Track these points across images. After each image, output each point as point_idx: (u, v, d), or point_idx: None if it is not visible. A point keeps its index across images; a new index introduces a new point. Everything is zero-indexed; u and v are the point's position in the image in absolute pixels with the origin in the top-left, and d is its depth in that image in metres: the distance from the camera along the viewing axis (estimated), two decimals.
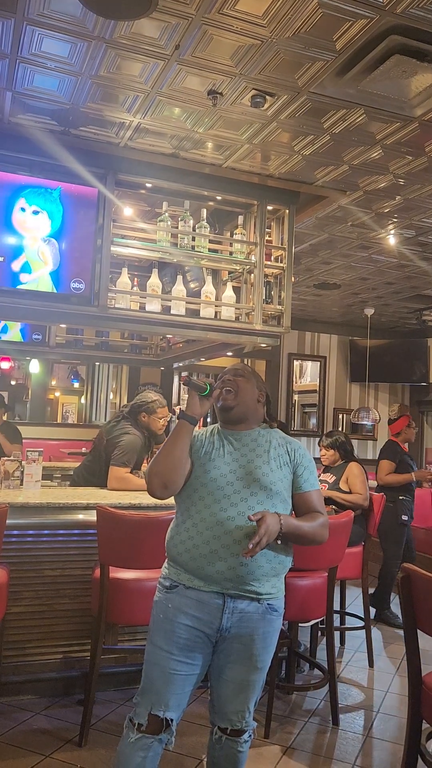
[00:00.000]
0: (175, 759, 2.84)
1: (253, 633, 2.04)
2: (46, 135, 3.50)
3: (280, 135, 3.45)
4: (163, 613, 2.06)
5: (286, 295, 4.19)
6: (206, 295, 4.03)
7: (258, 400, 2.25)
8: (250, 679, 2.07)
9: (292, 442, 2.24)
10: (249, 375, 2.27)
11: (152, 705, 2.00)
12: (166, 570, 2.15)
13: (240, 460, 2.12)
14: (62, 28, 2.62)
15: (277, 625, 2.12)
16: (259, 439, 2.20)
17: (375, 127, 3.30)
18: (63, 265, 3.67)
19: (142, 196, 4.24)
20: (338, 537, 3.29)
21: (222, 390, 2.20)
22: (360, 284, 6.80)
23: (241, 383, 2.22)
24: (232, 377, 2.24)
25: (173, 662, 2.01)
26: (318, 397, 8.96)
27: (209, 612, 2.02)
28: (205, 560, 2.01)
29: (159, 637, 2.05)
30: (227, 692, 2.08)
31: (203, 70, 2.88)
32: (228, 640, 2.05)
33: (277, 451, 2.17)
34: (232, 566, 2.00)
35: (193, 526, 2.06)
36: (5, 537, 2.85)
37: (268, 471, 2.10)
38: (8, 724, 3.06)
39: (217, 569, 2.00)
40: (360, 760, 2.97)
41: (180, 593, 2.05)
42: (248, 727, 2.10)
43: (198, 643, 2.03)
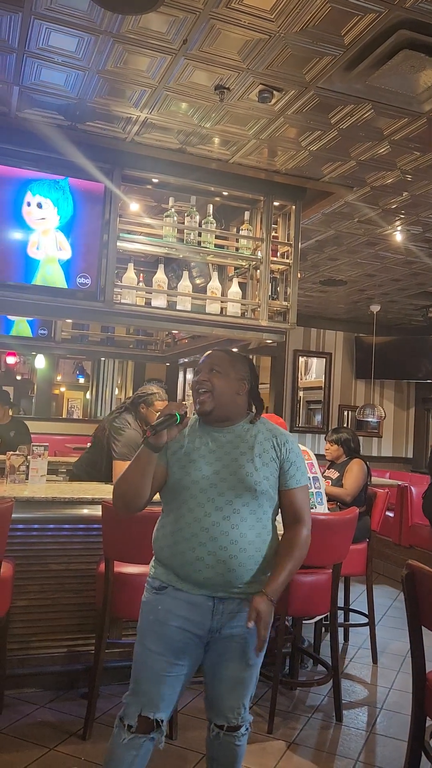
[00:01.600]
0: (177, 753, 2.85)
1: (244, 632, 2.01)
2: (53, 130, 3.50)
3: (287, 130, 3.44)
4: (153, 614, 2.02)
5: (292, 292, 4.18)
6: (212, 290, 4.03)
7: (238, 393, 2.08)
8: (243, 676, 2.05)
9: (279, 435, 2.10)
10: (226, 367, 2.08)
11: (143, 707, 1.97)
12: (153, 569, 2.09)
13: (223, 459, 2.02)
14: (70, 22, 2.62)
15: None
16: (243, 435, 2.07)
17: (383, 122, 3.29)
18: (71, 259, 3.68)
19: (148, 192, 4.23)
20: (343, 534, 3.29)
21: (197, 393, 2.04)
22: (366, 281, 6.78)
23: (216, 381, 2.05)
24: (207, 375, 2.07)
25: (164, 664, 1.98)
26: (323, 393, 8.94)
27: (200, 614, 1.98)
28: (191, 567, 1.96)
29: (150, 640, 2.01)
30: (221, 690, 2.06)
31: (210, 65, 2.87)
32: (219, 639, 2.02)
33: (263, 447, 2.05)
34: (219, 572, 1.95)
35: (178, 531, 1.99)
36: (11, 531, 2.86)
37: (253, 470, 2.00)
38: (13, 717, 3.08)
39: (205, 576, 1.96)
40: (363, 757, 2.97)
41: (170, 595, 2.00)
42: (244, 722, 2.09)
43: (189, 645, 2.00)
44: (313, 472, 3.46)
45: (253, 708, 3.35)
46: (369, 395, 9.13)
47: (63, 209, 3.65)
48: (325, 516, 3.32)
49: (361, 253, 5.76)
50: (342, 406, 9.02)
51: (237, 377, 2.09)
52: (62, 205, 3.65)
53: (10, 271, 3.58)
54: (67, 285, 3.66)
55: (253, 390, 2.15)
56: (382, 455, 9.21)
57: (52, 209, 3.64)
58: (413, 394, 9.49)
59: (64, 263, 3.65)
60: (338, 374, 9.03)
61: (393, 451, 9.34)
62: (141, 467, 1.96)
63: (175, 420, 1.93)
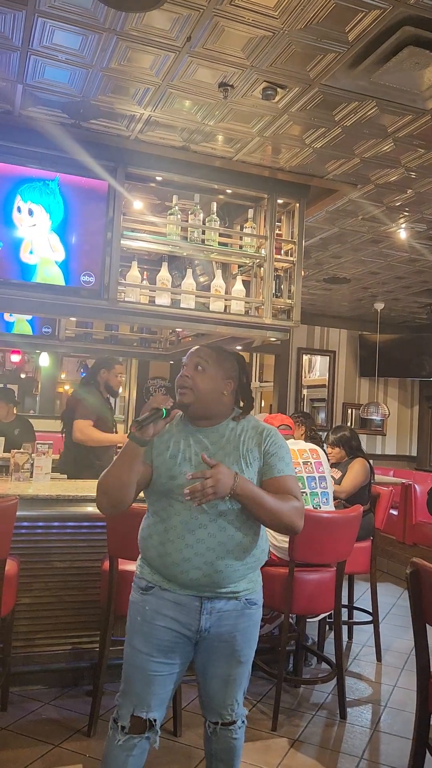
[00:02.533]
0: (182, 750, 2.86)
1: (234, 630, 2.00)
2: (57, 128, 3.50)
3: (291, 128, 3.44)
4: (140, 615, 2.00)
5: (296, 290, 4.17)
6: (216, 288, 4.03)
7: (223, 393, 2.03)
8: (234, 673, 2.04)
9: (263, 431, 2.04)
10: (212, 365, 2.03)
11: (134, 707, 1.96)
12: (140, 569, 2.07)
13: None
14: (73, 20, 2.62)
15: (256, 617, 2.08)
16: (228, 435, 2.03)
17: (387, 119, 3.28)
18: (72, 258, 3.67)
19: (152, 190, 4.23)
20: (347, 532, 3.29)
21: (178, 389, 2.01)
22: (370, 278, 6.77)
23: (198, 379, 2.01)
24: (190, 372, 2.02)
25: (153, 664, 1.96)
26: (327, 391, 8.93)
27: (187, 614, 1.97)
28: (178, 568, 1.94)
29: (137, 640, 1.99)
30: (213, 688, 2.05)
31: (214, 63, 2.86)
32: (209, 639, 2.00)
33: (247, 446, 2.01)
34: (206, 574, 1.93)
35: (164, 532, 1.97)
36: (15, 529, 2.87)
37: (237, 472, 1.93)
38: (18, 714, 3.09)
39: (191, 577, 1.94)
40: (367, 754, 2.97)
41: (156, 595, 1.99)
42: (239, 717, 2.08)
43: (178, 644, 1.99)
44: (320, 471, 3.45)
45: (257, 705, 3.36)
46: (373, 393, 9.11)
47: (55, 212, 3.63)
48: (328, 514, 3.32)
49: (365, 250, 5.74)
50: (346, 404, 9.01)
51: (223, 375, 2.04)
52: (54, 208, 3.64)
53: (7, 274, 3.57)
54: (66, 284, 3.66)
55: (241, 387, 2.10)
56: (386, 453, 9.20)
57: (44, 215, 3.62)
58: (417, 392, 9.48)
59: (61, 263, 3.65)
60: (342, 372, 9.02)
61: (397, 449, 9.33)
62: (128, 461, 1.91)
63: (161, 414, 1.88)
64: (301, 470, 3.38)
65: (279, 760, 2.87)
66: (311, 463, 3.43)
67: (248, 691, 3.44)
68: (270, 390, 8.80)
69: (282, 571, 3.22)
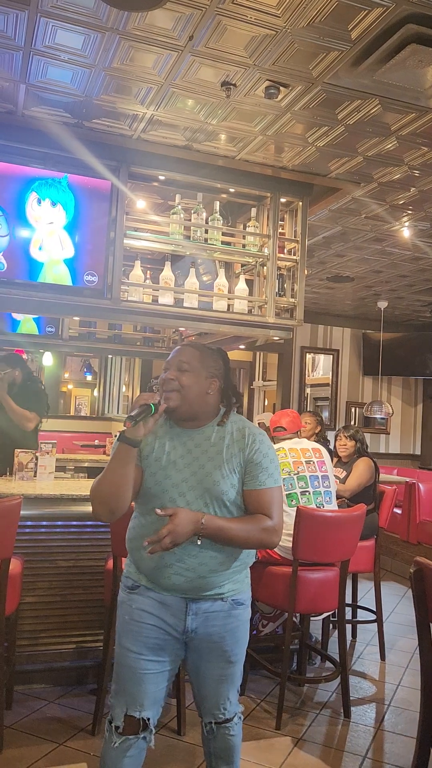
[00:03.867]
0: (186, 748, 2.86)
1: (222, 630, 1.99)
2: (60, 127, 3.50)
3: (294, 126, 3.43)
4: (128, 614, 1.99)
5: (299, 288, 4.17)
6: (219, 287, 4.03)
7: (208, 392, 1.98)
8: (225, 673, 2.03)
9: (248, 436, 1.98)
10: (196, 364, 1.97)
11: (127, 707, 1.95)
12: (127, 568, 2.06)
13: (192, 466, 1.94)
14: (76, 19, 2.62)
15: (244, 616, 2.06)
16: (212, 437, 1.97)
17: (390, 117, 3.27)
18: (76, 257, 3.68)
19: (155, 189, 4.23)
20: (350, 531, 3.29)
21: (163, 391, 1.94)
22: (373, 277, 6.76)
23: (185, 380, 1.94)
24: (175, 374, 1.96)
25: (143, 662, 1.95)
26: (330, 390, 8.93)
27: (173, 614, 1.96)
28: (161, 573, 1.93)
29: (126, 639, 1.98)
30: (207, 689, 2.04)
31: (217, 61, 2.86)
32: (198, 640, 1.99)
33: (231, 451, 1.95)
34: (189, 579, 1.93)
35: (148, 535, 1.92)
36: (19, 528, 2.87)
37: (220, 478, 1.92)
38: (23, 712, 3.10)
39: (174, 582, 1.93)
40: (371, 753, 2.97)
41: (142, 594, 1.98)
42: (234, 714, 2.07)
43: (167, 641, 1.97)
44: (324, 470, 3.45)
45: (261, 704, 3.36)
46: (376, 392, 9.10)
47: (68, 209, 3.66)
48: (332, 513, 3.31)
49: (368, 249, 5.74)
50: (349, 403, 9.00)
51: (207, 375, 1.98)
52: (68, 206, 3.66)
53: (15, 271, 3.59)
54: (72, 283, 3.67)
55: (227, 385, 2.04)
56: (389, 452, 9.20)
57: (61, 212, 3.64)
58: (421, 390, 9.46)
59: (69, 261, 3.66)
60: (345, 371, 9.02)
61: (401, 447, 9.32)
62: (122, 465, 1.86)
63: (150, 410, 1.84)
64: (304, 469, 3.38)
65: (283, 758, 2.87)
66: (314, 462, 3.43)
67: (252, 689, 3.47)
68: (273, 389, 8.80)
69: (286, 570, 3.22)
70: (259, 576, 3.35)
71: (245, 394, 9.76)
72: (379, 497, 4.52)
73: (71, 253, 3.66)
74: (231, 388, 2.06)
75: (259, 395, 9.55)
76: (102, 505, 1.91)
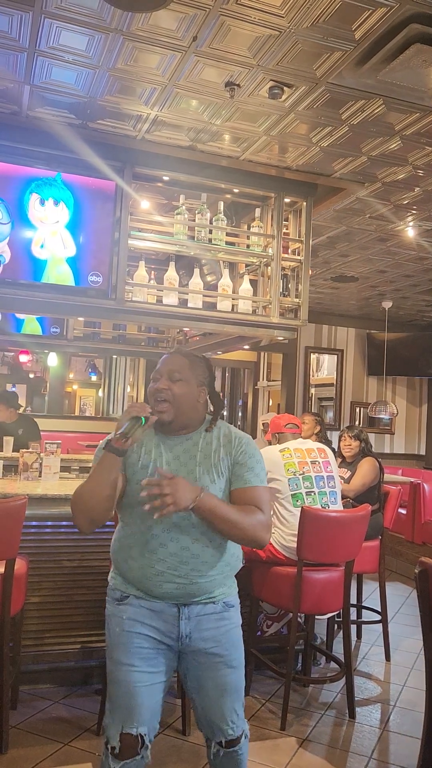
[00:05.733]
0: (191, 749, 2.86)
1: (216, 634, 1.96)
2: (64, 128, 3.51)
3: (298, 126, 3.43)
4: (118, 626, 1.95)
5: (303, 288, 4.17)
6: (223, 288, 4.03)
7: (198, 400, 1.97)
8: (228, 681, 1.97)
9: (232, 441, 1.99)
10: (187, 373, 1.96)
11: (123, 724, 1.89)
12: (113, 580, 2.03)
13: (180, 472, 1.92)
14: (80, 20, 2.62)
15: (236, 620, 2.03)
16: (200, 443, 1.97)
17: (394, 117, 3.27)
18: (79, 257, 3.69)
19: (159, 189, 4.23)
20: (355, 531, 3.28)
21: (156, 402, 1.93)
22: (378, 277, 6.74)
23: (177, 390, 1.93)
24: (166, 383, 1.94)
25: (136, 674, 1.90)
26: (335, 390, 8.91)
27: (165, 620, 1.93)
28: (151, 582, 1.91)
29: (118, 652, 1.93)
30: (210, 701, 1.97)
31: (221, 62, 2.86)
32: (193, 649, 1.96)
33: (218, 456, 1.96)
34: (181, 585, 1.90)
35: (136, 546, 1.93)
36: (24, 528, 2.88)
37: (209, 482, 1.91)
38: (28, 712, 3.10)
39: (165, 590, 1.90)
40: (377, 754, 2.97)
41: (133, 604, 1.94)
42: (241, 732, 2.00)
43: (160, 651, 1.94)
44: (329, 470, 3.44)
45: (266, 705, 3.36)
46: (381, 392, 9.09)
47: (69, 208, 3.67)
48: (337, 513, 3.31)
49: (373, 249, 5.73)
50: (354, 403, 8.99)
51: (197, 383, 1.98)
52: (68, 202, 3.67)
53: (18, 269, 3.60)
54: (76, 283, 3.68)
55: (211, 393, 2.04)
56: (394, 452, 9.18)
57: (64, 210, 3.65)
58: (426, 390, 9.44)
59: (71, 260, 3.66)
60: (350, 371, 9.00)
61: (405, 448, 9.30)
62: (106, 474, 1.85)
63: (141, 423, 1.83)
64: (309, 469, 3.37)
65: (288, 759, 2.87)
66: (319, 462, 3.43)
67: (257, 690, 3.47)
68: (278, 389, 8.79)
69: (290, 570, 3.22)
70: (263, 576, 3.35)
71: (249, 395, 9.76)
72: (383, 497, 4.51)
73: (73, 252, 3.67)
74: (215, 394, 2.06)
75: (264, 395, 9.55)
76: (83, 514, 1.90)
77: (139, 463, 1.95)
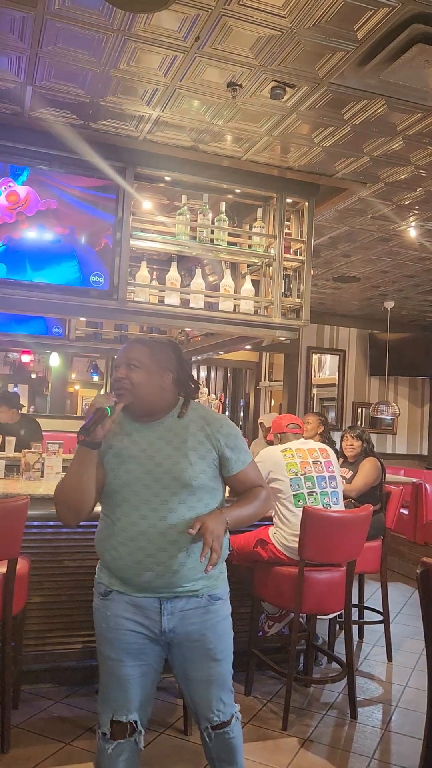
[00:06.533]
0: (192, 748, 2.86)
1: (202, 628, 1.95)
2: (66, 129, 3.51)
3: (300, 127, 3.43)
4: (104, 622, 1.97)
5: (305, 288, 4.16)
6: (225, 288, 4.03)
7: (161, 387, 1.97)
8: (213, 673, 1.98)
9: (212, 422, 2.00)
10: (145, 360, 1.96)
11: (113, 712, 1.94)
12: (98, 572, 2.04)
13: (156, 458, 1.92)
14: (82, 21, 2.62)
15: (224, 612, 2.02)
16: (174, 428, 1.97)
17: (396, 117, 3.27)
18: (82, 258, 3.69)
19: (161, 190, 4.24)
20: (357, 531, 3.28)
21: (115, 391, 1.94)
22: (380, 277, 6.74)
23: (135, 377, 1.94)
24: (124, 371, 1.95)
25: (125, 668, 1.93)
26: (337, 390, 8.91)
27: (148, 616, 1.93)
28: (132, 571, 1.91)
29: (106, 647, 1.96)
30: (196, 692, 2.00)
31: (223, 62, 2.86)
32: (178, 641, 1.96)
33: (197, 438, 1.96)
34: (160, 574, 1.89)
35: (116, 535, 1.93)
36: (26, 528, 2.89)
37: (187, 465, 1.91)
38: (30, 712, 3.11)
39: (146, 579, 1.90)
40: (378, 754, 2.97)
41: (115, 599, 1.95)
42: (230, 715, 2.02)
43: (146, 645, 1.95)
44: (330, 470, 3.44)
45: (268, 705, 3.36)
46: (383, 392, 9.08)
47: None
48: (339, 513, 3.31)
49: (375, 249, 5.72)
50: (356, 404, 8.98)
51: (158, 369, 1.97)
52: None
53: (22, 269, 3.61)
54: (79, 284, 3.68)
55: (181, 376, 2.03)
56: (396, 452, 9.17)
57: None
58: (428, 390, 9.43)
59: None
60: (352, 371, 9.00)
61: (407, 448, 9.29)
62: (83, 468, 1.88)
63: (106, 413, 1.85)
64: (311, 469, 3.37)
65: (289, 759, 2.87)
66: (321, 462, 3.43)
67: (258, 690, 3.47)
68: (279, 389, 8.79)
69: (292, 570, 3.22)
70: (265, 576, 3.35)
71: (251, 395, 9.76)
72: (385, 498, 4.51)
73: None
74: (187, 377, 2.06)
75: (265, 395, 9.55)
76: (66, 508, 1.93)
77: (111, 452, 1.96)
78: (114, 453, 1.95)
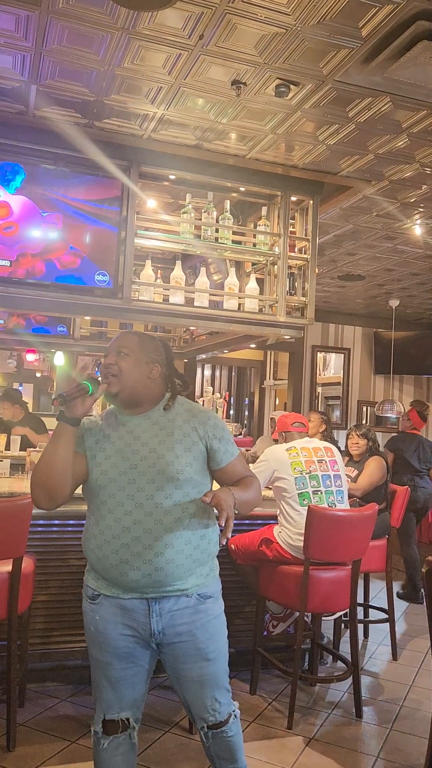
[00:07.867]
0: (196, 747, 2.86)
1: (191, 628, 1.92)
2: (71, 127, 3.52)
3: (305, 124, 3.42)
4: (93, 625, 1.95)
5: (310, 287, 4.16)
6: (229, 286, 4.03)
7: (149, 378, 1.98)
8: (205, 673, 1.95)
9: (198, 415, 2.00)
10: (135, 349, 1.98)
11: (105, 712, 1.96)
12: (86, 575, 2.02)
13: (140, 452, 1.91)
14: (86, 19, 2.62)
15: (214, 610, 1.99)
16: (160, 422, 1.97)
17: (401, 115, 3.25)
18: (86, 257, 3.69)
19: (165, 188, 4.24)
20: (362, 530, 3.28)
21: (104, 376, 1.95)
22: (385, 275, 6.72)
23: (124, 365, 1.95)
24: (113, 358, 1.97)
25: (115, 671, 1.93)
26: (342, 389, 8.90)
27: (136, 618, 1.90)
28: (116, 571, 1.87)
29: (95, 650, 1.96)
30: (191, 693, 1.98)
31: (227, 60, 2.86)
32: (168, 642, 1.93)
33: (183, 431, 1.95)
34: (147, 573, 1.86)
35: (100, 533, 1.90)
36: (31, 527, 2.89)
37: (173, 458, 1.89)
38: (35, 710, 3.12)
39: (131, 578, 1.87)
40: (383, 753, 2.96)
41: (102, 603, 1.93)
42: (227, 715, 2.00)
43: (137, 647, 1.94)
44: (335, 469, 3.43)
45: (273, 703, 3.36)
46: (388, 391, 9.06)
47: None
48: (344, 512, 3.30)
49: (380, 247, 5.71)
50: (361, 402, 8.96)
51: (147, 360, 1.99)
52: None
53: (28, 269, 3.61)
54: (83, 282, 3.68)
55: (169, 371, 2.05)
56: None
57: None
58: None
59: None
60: (357, 370, 8.98)
61: None
62: (59, 445, 1.86)
63: (87, 390, 1.84)
64: (316, 468, 3.37)
65: (294, 758, 2.87)
66: (326, 461, 3.42)
67: (263, 689, 3.47)
68: (284, 388, 8.78)
69: (297, 569, 3.22)
70: (270, 575, 3.35)
71: (256, 394, 9.75)
72: (390, 496, 4.50)
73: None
74: (175, 373, 2.08)
75: (270, 394, 9.54)
76: (40, 488, 1.90)
77: (98, 446, 1.95)
78: (100, 447, 1.95)
